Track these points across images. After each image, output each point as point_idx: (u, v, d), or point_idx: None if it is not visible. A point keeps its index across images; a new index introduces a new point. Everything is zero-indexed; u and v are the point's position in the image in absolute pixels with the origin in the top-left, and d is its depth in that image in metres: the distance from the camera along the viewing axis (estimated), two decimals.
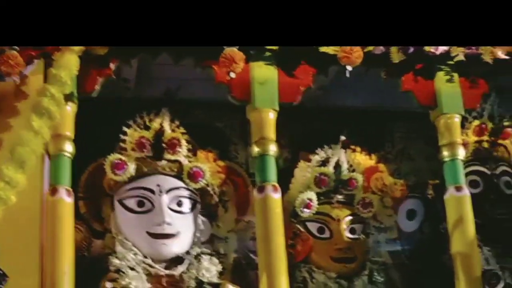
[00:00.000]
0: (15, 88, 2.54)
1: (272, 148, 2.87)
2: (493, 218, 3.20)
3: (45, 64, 2.57)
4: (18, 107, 2.55)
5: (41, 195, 2.58)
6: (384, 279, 3.20)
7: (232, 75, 2.67)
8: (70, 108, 2.67)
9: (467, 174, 3.16)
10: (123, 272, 2.83)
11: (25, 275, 2.49)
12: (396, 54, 2.86)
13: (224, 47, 2.64)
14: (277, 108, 2.90)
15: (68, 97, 2.56)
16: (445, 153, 3.04)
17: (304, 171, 3.24)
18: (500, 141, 3.37)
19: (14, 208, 2.43)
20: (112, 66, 2.70)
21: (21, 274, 2.47)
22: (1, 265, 2.45)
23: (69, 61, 2.45)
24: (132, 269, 2.85)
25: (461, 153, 3.05)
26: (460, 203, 2.98)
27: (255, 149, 2.88)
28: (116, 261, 2.85)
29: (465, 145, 3.16)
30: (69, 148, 2.67)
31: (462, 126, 3.17)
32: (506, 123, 3.37)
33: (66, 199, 2.62)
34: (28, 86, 2.56)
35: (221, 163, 3.18)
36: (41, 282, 2.52)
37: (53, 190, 2.61)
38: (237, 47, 2.68)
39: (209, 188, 3.10)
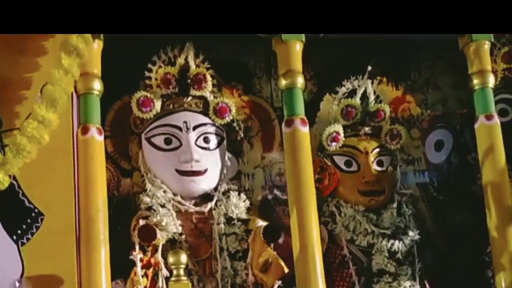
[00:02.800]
0: None
1: (300, 81, 2.96)
2: None
3: None
4: (45, 45, 2.62)
5: (72, 134, 2.67)
6: (413, 211, 3.30)
7: None
8: (97, 46, 2.75)
9: (496, 103, 3.22)
10: (154, 210, 2.96)
11: (59, 214, 2.60)
12: None
13: None
14: (304, 39, 2.97)
15: (95, 35, 2.63)
16: (475, 81, 3.11)
17: (330, 104, 3.31)
18: None
19: (47, 148, 2.54)
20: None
21: (56, 213, 2.59)
22: (36, 204, 2.60)
23: None
24: (162, 206, 2.97)
25: (491, 81, 3.12)
26: (490, 132, 3.07)
27: (283, 82, 2.96)
28: (146, 199, 2.97)
29: (494, 72, 3.23)
30: (97, 86, 2.74)
31: (491, 53, 3.23)
32: None
33: (97, 138, 2.71)
34: None
35: (246, 97, 3.28)
36: (76, 220, 2.64)
37: (84, 129, 2.70)
38: None
39: (234, 124, 3.22)
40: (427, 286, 3.22)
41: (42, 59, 2.62)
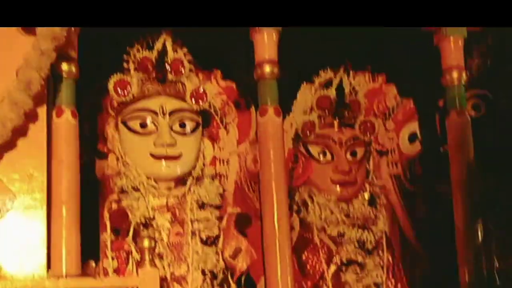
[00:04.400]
0: None
1: (275, 70, 3.01)
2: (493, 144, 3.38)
3: None
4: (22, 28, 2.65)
5: (47, 116, 2.71)
6: (384, 202, 3.38)
7: None
8: (74, 29, 2.78)
9: (468, 99, 3.30)
10: (127, 193, 3.02)
11: (33, 195, 2.66)
12: None
13: None
14: (280, 29, 3.02)
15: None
16: (448, 76, 3.18)
17: (307, 93, 3.36)
18: None
19: (20, 130, 2.59)
20: None
21: (29, 193, 2.65)
22: (9, 186, 2.65)
23: None
24: (135, 189, 3.03)
25: (464, 77, 3.19)
26: (461, 127, 3.15)
27: (258, 71, 3.02)
28: (120, 182, 3.03)
29: (467, 68, 3.29)
30: (73, 69, 2.79)
31: (465, 49, 3.28)
32: None
33: (71, 120, 2.76)
34: None
35: (223, 84, 3.32)
36: (48, 202, 2.69)
37: (59, 111, 2.75)
38: None
39: (211, 110, 3.27)
40: (395, 277, 3.31)
41: (18, 41, 2.65)
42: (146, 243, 2.58)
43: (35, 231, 2.64)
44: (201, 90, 3.16)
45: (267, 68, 3.00)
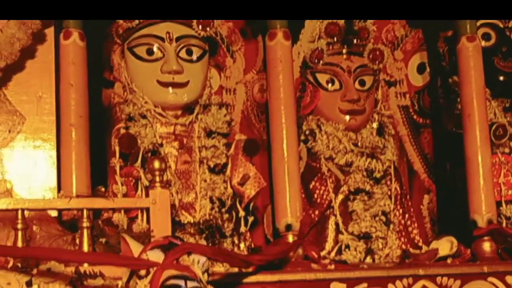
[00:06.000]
0: None
1: None
2: (503, 71, 3.39)
3: None
4: None
5: (54, 38, 2.72)
6: (392, 132, 3.40)
7: None
8: None
9: (478, 27, 3.30)
10: (135, 120, 3.03)
11: (42, 117, 2.68)
12: None
13: None
14: None
15: None
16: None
17: (314, 21, 3.33)
18: None
19: (28, 51, 2.60)
20: None
21: (38, 115, 2.67)
22: (18, 107, 2.67)
23: None
24: (143, 116, 3.04)
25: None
26: (471, 54, 3.15)
27: None
28: (127, 109, 3.04)
29: None
30: None
31: None
32: None
33: (79, 43, 2.76)
34: None
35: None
36: (57, 125, 2.72)
37: (67, 34, 2.75)
38: None
39: (218, 37, 3.26)
40: (403, 207, 3.35)
41: None
42: (156, 164, 2.59)
43: (45, 153, 2.66)
44: None
45: None
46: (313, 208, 3.25)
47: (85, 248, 2.43)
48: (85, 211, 2.44)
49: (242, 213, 3.08)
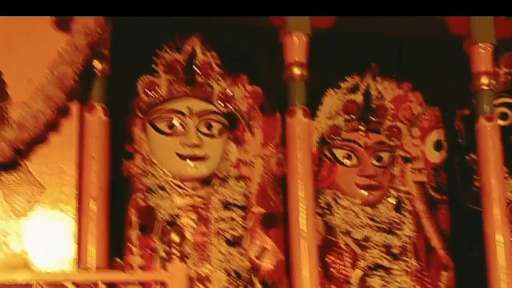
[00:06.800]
0: None
1: (304, 73, 3.06)
2: None
3: None
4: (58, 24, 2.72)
5: (78, 111, 2.78)
6: (409, 208, 3.40)
7: None
8: (107, 27, 2.83)
9: (496, 106, 3.33)
10: (153, 192, 3.07)
11: (62, 188, 2.72)
12: None
13: None
14: (310, 32, 3.07)
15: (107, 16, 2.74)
16: (477, 82, 3.21)
17: (333, 98, 3.39)
18: None
19: (51, 124, 2.65)
20: None
21: (59, 187, 2.71)
22: (39, 179, 2.71)
23: None
24: (161, 188, 3.08)
25: (493, 83, 3.22)
26: (490, 133, 3.17)
27: (287, 73, 3.07)
28: (146, 181, 3.08)
29: (496, 76, 3.33)
30: (106, 66, 2.86)
31: (494, 57, 3.33)
32: None
33: (103, 117, 2.83)
34: None
35: (250, 87, 3.38)
36: (79, 196, 2.75)
37: (91, 108, 2.81)
38: None
39: (237, 113, 3.32)
40: (421, 284, 3.32)
41: (51, 36, 2.73)
42: (174, 237, 2.60)
43: (64, 225, 2.69)
44: (229, 93, 3.21)
45: (297, 70, 3.05)
46: (330, 282, 3.23)
47: None
48: (100, 284, 2.45)
49: (258, 286, 3.08)
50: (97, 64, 2.83)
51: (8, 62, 2.72)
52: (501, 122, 3.35)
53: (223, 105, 3.20)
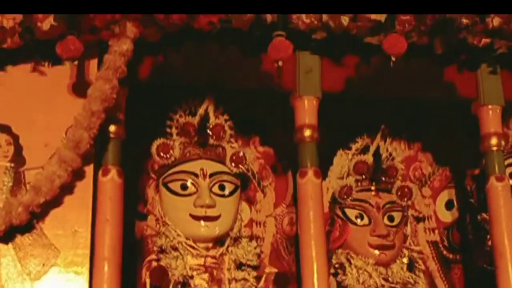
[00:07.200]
0: (71, 72, 2.82)
1: (315, 135, 3.11)
2: None
3: (100, 49, 2.83)
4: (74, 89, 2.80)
5: (93, 175, 2.83)
6: (422, 268, 3.40)
7: (280, 63, 2.89)
8: (122, 92, 2.91)
9: (506, 166, 3.34)
10: (166, 252, 3.10)
11: (76, 250, 2.74)
12: (439, 45, 3.08)
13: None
14: (320, 96, 3.14)
15: (122, 82, 2.81)
16: (487, 143, 3.23)
17: (343, 159, 3.45)
18: None
19: (67, 187, 2.70)
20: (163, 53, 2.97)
21: (73, 249, 2.74)
22: (53, 241, 2.74)
23: (124, 47, 2.70)
24: (174, 249, 3.10)
25: (502, 144, 3.25)
26: (501, 193, 3.18)
27: (298, 135, 3.12)
28: (159, 241, 3.11)
29: (506, 137, 3.37)
30: (120, 130, 2.92)
31: (503, 118, 3.36)
32: None
33: (117, 180, 2.87)
34: (85, 70, 2.83)
35: (261, 149, 3.44)
36: (91, 258, 2.78)
37: (105, 171, 2.86)
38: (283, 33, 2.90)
39: (249, 174, 3.37)
40: None
41: (68, 101, 2.80)
42: None
43: (77, 287, 2.71)
44: (241, 154, 3.26)
45: (307, 132, 3.09)
46: None
47: None
48: None
49: None
50: (112, 128, 2.89)
51: (25, 126, 2.80)
52: (511, 183, 3.36)
53: (235, 166, 3.25)
